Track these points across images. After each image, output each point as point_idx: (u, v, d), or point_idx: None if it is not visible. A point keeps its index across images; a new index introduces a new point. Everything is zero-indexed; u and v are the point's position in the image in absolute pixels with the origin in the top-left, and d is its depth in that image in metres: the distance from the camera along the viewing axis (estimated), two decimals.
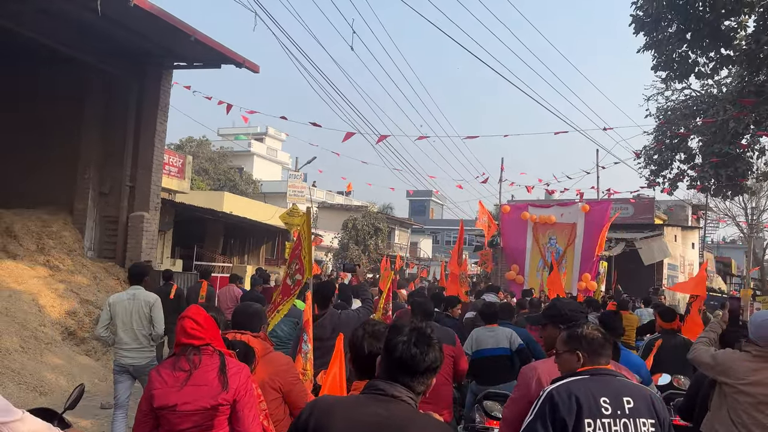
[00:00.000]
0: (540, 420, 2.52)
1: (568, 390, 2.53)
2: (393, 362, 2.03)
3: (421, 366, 2.01)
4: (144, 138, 12.95)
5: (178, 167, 19.41)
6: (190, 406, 2.88)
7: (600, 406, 2.48)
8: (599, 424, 2.45)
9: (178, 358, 2.98)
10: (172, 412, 2.88)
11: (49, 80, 13.02)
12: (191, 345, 2.96)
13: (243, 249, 21.51)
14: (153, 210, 12.94)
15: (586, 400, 2.49)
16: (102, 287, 11.61)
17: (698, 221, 30.06)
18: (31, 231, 11.88)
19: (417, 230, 51.32)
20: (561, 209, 16.50)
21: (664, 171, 21.21)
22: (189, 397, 2.88)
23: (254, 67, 12.68)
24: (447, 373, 4.62)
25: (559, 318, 3.38)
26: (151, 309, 5.96)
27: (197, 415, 2.89)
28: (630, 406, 2.50)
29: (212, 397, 2.89)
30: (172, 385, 2.91)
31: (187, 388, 2.89)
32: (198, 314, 3.04)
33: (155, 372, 3.00)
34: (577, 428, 2.46)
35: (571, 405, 2.48)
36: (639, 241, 19.17)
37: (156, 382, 2.94)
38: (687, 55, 11.46)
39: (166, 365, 3.00)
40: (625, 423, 2.47)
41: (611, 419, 2.47)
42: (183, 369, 2.92)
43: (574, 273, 15.43)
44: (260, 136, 51.95)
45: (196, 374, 2.91)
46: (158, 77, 13.02)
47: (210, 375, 2.93)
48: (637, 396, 2.55)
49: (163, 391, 2.90)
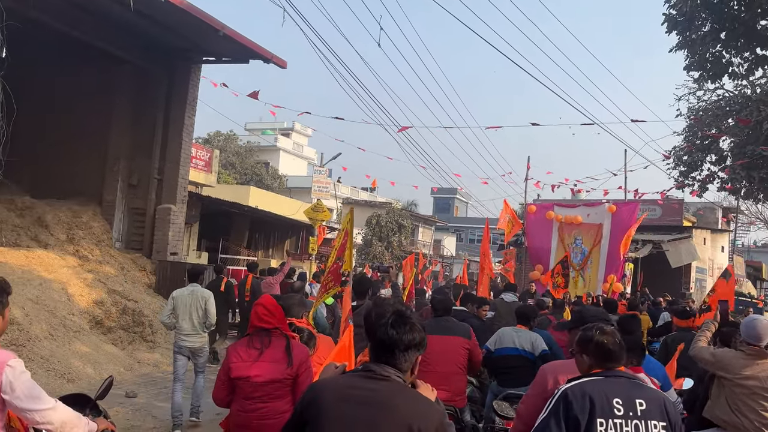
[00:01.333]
0: (554, 417, 2.58)
1: (582, 389, 2.59)
2: (376, 344, 2.20)
3: (400, 345, 2.16)
4: (172, 131, 13.12)
5: (205, 161, 19.61)
6: (261, 378, 3.49)
7: (612, 407, 2.53)
8: (611, 424, 2.51)
9: (252, 338, 3.62)
10: (246, 382, 3.51)
11: (81, 75, 13.23)
12: (263, 328, 3.61)
13: (268, 243, 21.67)
14: (180, 203, 13.11)
15: (599, 400, 2.54)
16: (129, 278, 11.80)
17: (728, 224, 29.46)
18: (62, 221, 12.12)
19: (441, 228, 51.19)
20: (587, 209, 16.28)
21: (694, 172, 20.84)
22: (260, 371, 3.50)
23: (282, 63, 12.75)
24: (462, 363, 4.86)
25: (580, 323, 3.47)
26: (206, 303, 6.98)
27: (267, 385, 3.50)
28: (642, 408, 2.55)
29: (279, 372, 3.51)
30: (246, 360, 3.54)
31: (259, 363, 3.52)
32: (269, 303, 3.70)
33: (233, 348, 3.63)
34: (590, 427, 2.51)
35: (585, 404, 2.54)
36: (666, 243, 18.85)
37: (233, 356, 3.57)
38: (721, 55, 11.21)
39: (242, 343, 3.64)
40: (637, 424, 2.52)
41: (623, 420, 2.52)
42: (255, 347, 3.57)
43: (599, 274, 15.23)
44: (287, 131, 52.25)
45: (266, 352, 3.55)
46: (187, 72, 13.18)
47: (278, 353, 3.55)
48: (649, 398, 2.60)
49: (239, 364, 3.53)
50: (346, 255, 5.54)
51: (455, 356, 4.86)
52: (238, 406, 3.58)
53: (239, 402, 3.57)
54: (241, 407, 3.55)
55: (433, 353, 4.52)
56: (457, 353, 4.88)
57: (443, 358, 4.77)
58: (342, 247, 5.61)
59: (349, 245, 5.41)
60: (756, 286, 33.16)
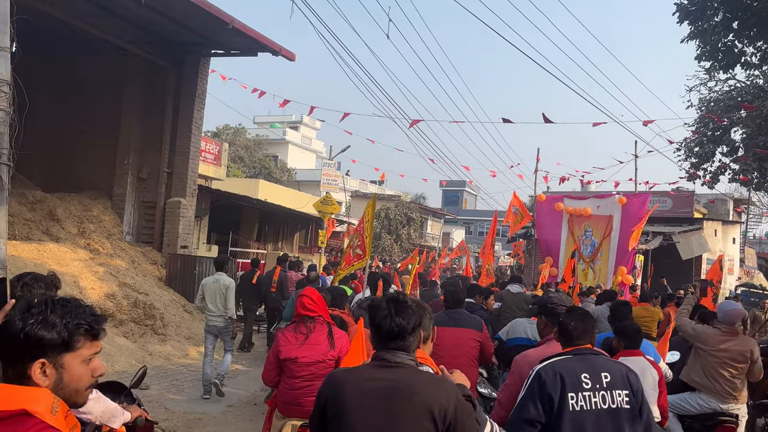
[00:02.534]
0: (530, 397, 2.85)
1: (553, 368, 2.88)
2: (383, 335, 2.30)
3: (408, 329, 2.29)
4: (181, 125, 13.15)
5: (214, 154, 19.66)
6: (307, 359, 3.90)
7: (581, 381, 2.82)
8: (581, 397, 2.79)
9: (298, 324, 4.05)
10: (294, 362, 3.90)
11: (91, 68, 13.29)
12: (308, 316, 4.05)
13: (277, 236, 21.71)
14: (190, 196, 13.15)
15: (569, 377, 2.82)
16: (139, 271, 11.86)
17: (740, 216, 29.24)
18: (73, 215, 12.20)
19: (450, 221, 51.09)
20: (597, 201, 16.18)
21: (705, 164, 20.68)
22: (306, 353, 3.91)
23: (290, 56, 12.73)
24: (473, 356, 4.89)
25: (544, 309, 4.04)
26: (227, 290, 7.81)
27: (312, 366, 3.90)
28: (607, 380, 2.85)
29: (323, 354, 3.93)
30: (293, 343, 3.95)
31: (305, 346, 3.94)
32: (313, 294, 4.17)
33: (281, 334, 4.05)
34: (562, 402, 2.78)
35: (556, 382, 2.81)
36: (677, 235, 18.71)
37: (281, 340, 3.99)
38: (733, 44, 11.06)
39: (289, 329, 4.07)
40: (603, 395, 2.82)
41: (591, 392, 2.81)
42: (302, 332, 3.99)
43: (609, 266, 15.15)
44: (295, 124, 52.24)
45: (311, 337, 3.97)
46: (196, 65, 13.18)
47: (321, 338, 3.99)
48: (613, 371, 2.91)
49: (287, 347, 3.94)
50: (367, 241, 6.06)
51: (467, 349, 4.85)
52: (286, 384, 3.94)
53: (287, 381, 3.94)
54: (289, 386, 3.92)
55: (444, 346, 4.52)
56: (468, 346, 4.87)
57: (454, 351, 4.76)
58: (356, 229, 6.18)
59: (369, 232, 5.72)
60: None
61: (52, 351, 1.54)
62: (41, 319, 1.53)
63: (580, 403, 2.78)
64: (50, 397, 1.51)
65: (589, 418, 2.78)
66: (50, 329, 1.54)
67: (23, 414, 1.45)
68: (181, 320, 11.07)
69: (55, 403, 1.51)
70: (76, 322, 1.58)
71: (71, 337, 1.57)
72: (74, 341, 1.58)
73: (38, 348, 1.52)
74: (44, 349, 1.53)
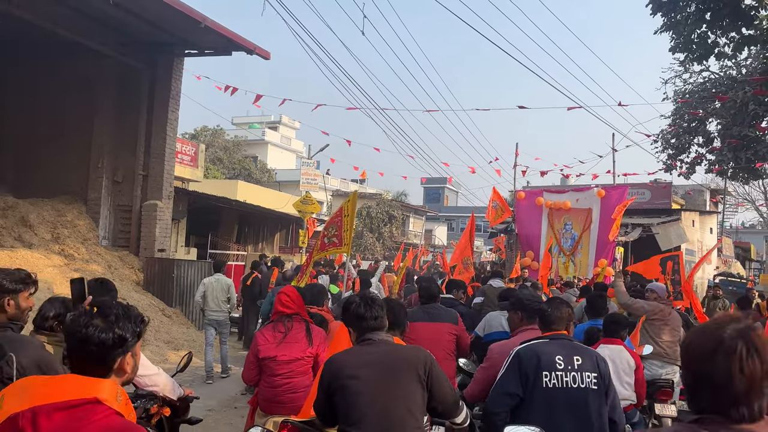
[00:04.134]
0: (510, 372, 3.25)
1: (531, 349, 3.26)
2: (367, 324, 2.95)
3: (374, 314, 2.96)
4: (156, 126, 12.96)
5: (191, 156, 19.40)
6: (286, 357, 4.00)
7: (555, 362, 3.19)
8: (554, 376, 3.16)
9: (276, 323, 4.13)
10: (273, 361, 4.00)
11: (63, 71, 13.04)
12: (285, 313, 4.12)
13: (257, 237, 21.54)
14: (166, 198, 12.97)
15: (545, 357, 3.20)
16: (116, 275, 11.67)
17: (716, 206, 29.60)
18: (46, 220, 11.96)
19: (432, 218, 51.16)
20: (576, 194, 16.23)
21: (682, 155, 20.88)
22: (285, 351, 4.01)
23: (265, 54, 12.59)
24: (450, 349, 4.93)
25: (518, 305, 4.33)
26: (230, 288, 9.08)
27: (291, 363, 4.00)
28: (579, 363, 3.21)
29: (301, 351, 4.03)
30: (272, 342, 4.04)
31: (283, 345, 4.03)
32: (290, 291, 4.25)
33: (260, 333, 4.15)
34: (537, 378, 3.16)
35: (533, 360, 3.20)
36: (656, 227, 18.86)
37: (260, 339, 4.08)
38: (706, 35, 11.14)
39: (267, 328, 4.15)
40: (574, 375, 3.17)
41: (563, 372, 3.17)
42: (280, 331, 4.08)
43: (590, 258, 15.21)
44: (274, 124, 51.90)
45: (289, 335, 4.05)
46: (170, 65, 13.00)
47: (299, 335, 4.08)
48: (585, 355, 3.27)
49: (266, 346, 4.03)
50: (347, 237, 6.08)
51: (443, 342, 4.82)
52: (266, 383, 4.04)
53: (267, 379, 4.03)
54: (269, 384, 4.02)
55: (420, 340, 4.49)
56: (445, 339, 4.84)
57: (431, 345, 4.71)
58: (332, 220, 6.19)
59: (349, 226, 5.80)
60: (745, 267, 33.39)
61: (132, 342, 1.79)
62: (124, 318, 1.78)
63: (552, 381, 3.14)
64: (116, 386, 1.72)
65: (560, 395, 3.14)
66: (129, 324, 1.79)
67: (95, 402, 1.63)
68: (160, 325, 10.90)
69: (119, 391, 1.71)
70: (141, 318, 1.86)
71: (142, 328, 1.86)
72: (142, 332, 1.86)
73: (123, 344, 1.76)
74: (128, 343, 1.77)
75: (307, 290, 5.18)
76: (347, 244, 6.72)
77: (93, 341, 1.71)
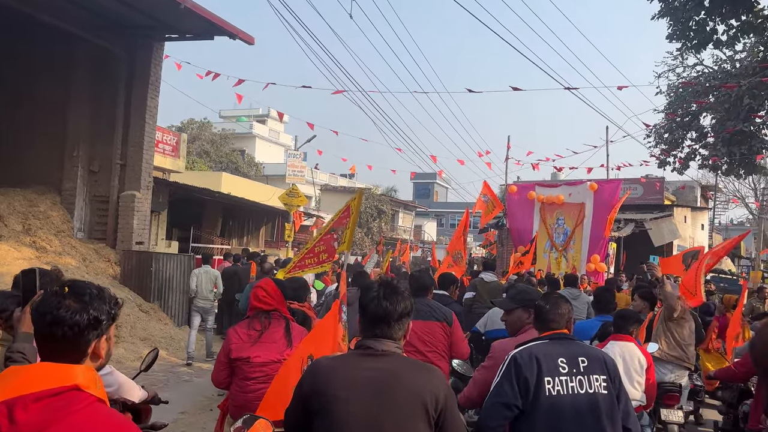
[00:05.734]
0: (506, 380, 2.78)
1: (529, 352, 2.82)
2: (369, 318, 2.24)
3: (394, 315, 2.22)
4: (135, 114, 12.43)
5: (172, 146, 18.81)
6: (260, 359, 3.53)
7: (558, 366, 2.77)
8: (557, 381, 2.73)
9: (252, 320, 3.66)
10: (246, 362, 3.53)
11: (35, 55, 12.47)
12: (261, 309, 3.67)
13: (242, 231, 21.01)
14: (145, 189, 12.45)
15: (546, 361, 2.77)
16: (91, 269, 11.18)
17: (707, 202, 29.43)
18: (17, 211, 11.43)
19: (421, 213, 50.83)
20: (569, 188, 15.90)
21: (675, 150, 20.62)
22: (260, 352, 3.54)
23: (249, 39, 12.10)
24: (441, 350, 4.45)
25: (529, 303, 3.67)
26: (217, 279, 10.10)
27: (266, 366, 3.51)
28: (585, 365, 2.80)
29: (279, 353, 3.54)
30: (246, 341, 3.57)
31: (259, 345, 3.56)
32: (268, 285, 3.76)
33: (233, 331, 3.67)
34: (538, 386, 2.72)
35: (532, 365, 2.76)
36: (649, 222, 18.59)
37: (233, 338, 3.60)
38: (705, 22, 10.81)
39: (242, 325, 3.67)
40: (581, 380, 2.76)
41: (568, 377, 2.75)
42: (255, 329, 3.61)
43: (582, 254, 14.89)
44: (262, 117, 51.18)
45: (265, 334, 3.59)
46: (149, 50, 12.47)
47: (277, 335, 3.61)
48: (591, 356, 2.86)
49: (239, 345, 3.57)
50: (346, 236, 5.67)
51: (434, 342, 4.36)
52: (237, 387, 3.59)
53: (239, 383, 3.58)
54: (240, 388, 3.56)
55: (409, 340, 4.04)
56: (435, 338, 4.38)
57: (421, 346, 4.28)
58: (341, 221, 5.78)
59: (352, 226, 5.51)
60: (735, 264, 33.32)
61: (107, 324, 1.66)
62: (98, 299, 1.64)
63: (556, 388, 2.73)
64: (92, 371, 1.60)
65: (566, 403, 2.71)
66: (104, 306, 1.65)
67: (74, 389, 1.52)
68: (136, 320, 10.41)
69: (97, 377, 1.59)
70: (116, 299, 1.71)
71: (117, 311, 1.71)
72: (117, 314, 1.70)
73: (98, 326, 1.62)
74: (103, 325, 1.64)
75: (287, 284, 4.65)
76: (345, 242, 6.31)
77: (66, 323, 1.58)
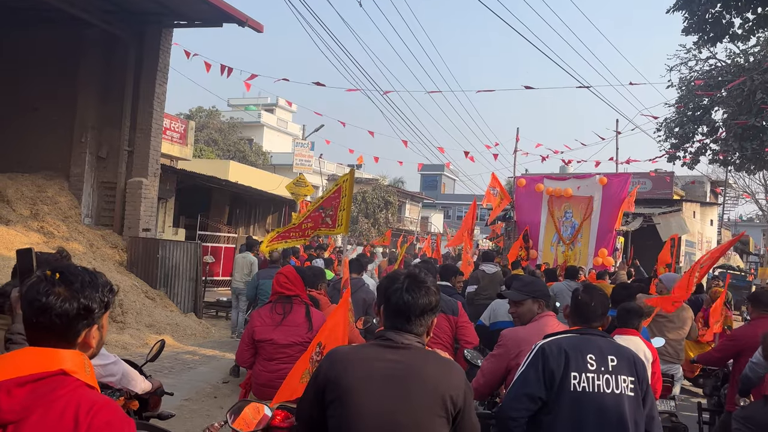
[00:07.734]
0: (533, 368, 2.72)
1: (558, 345, 2.75)
2: (391, 310, 2.16)
3: (416, 309, 2.12)
4: (143, 101, 12.41)
5: (180, 133, 18.77)
6: (283, 341, 3.77)
7: (586, 362, 2.68)
8: (584, 378, 2.65)
9: (275, 304, 3.89)
10: (269, 344, 3.78)
11: (45, 41, 12.48)
12: (283, 294, 3.89)
13: (249, 219, 21.01)
14: (152, 176, 12.44)
15: (574, 355, 2.69)
16: (98, 255, 11.19)
17: (717, 197, 29.19)
18: (25, 196, 11.46)
19: (428, 204, 50.71)
20: (578, 182, 15.78)
21: (686, 144, 20.40)
22: (282, 334, 3.78)
23: (258, 26, 12.03)
24: (446, 342, 4.52)
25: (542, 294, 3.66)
26: (252, 265, 10.61)
27: (288, 348, 3.76)
28: (613, 364, 2.71)
29: (299, 335, 3.78)
30: (269, 324, 3.81)
31: (281, 328, 3.79)
32: (289, 272, 3.99)
33: (257, 314, 3.94)
34: (564, 380, 2.65)
35: (560, 358, 2.68)
36: (657, 217, 18.43)
37: (257, 321, 3.86)
38: (721, 15, 10.64)
39: (265, 309, 3.93)
40: (608, 378, 2.67)
41: (595, 374, 2.67)
42: (278, 313, 3.84)
43: (590, 248, 14.80)
44: (270, 107, 51.07)
45: (288, 318, 3.81)
46: (157, 36, 12.42)
47: (299, 319, 3.83)
48: (621, 356, 2.76)
49: (263, 328, 3.81)
50: (343, 218, 5.56)
51: (438, 333, 4.35)
52: (261, 366, 3.81)
53: (262, 363, 3.81)
54: (264, 367, 3.79)
55: None
56: (440, 329, 4.37)
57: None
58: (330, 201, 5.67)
59: (347, 206, 5.40)
60: (743, 259, 33.14)
61: (99, 313, 1.59)
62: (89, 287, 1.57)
63: (582, 384, 2.65)
64: (81, 356, 1.56)
65: (590, 401, 2.64)
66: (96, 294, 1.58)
67: (61, 374, 1.49)
68: (142, 307, 10.43)
69: (86, 362, 1.56)
70: (109, 286, 1.63)
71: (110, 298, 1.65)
72: (110, 302, 1.64)
73: (89, 315, 1.56)
74: (95, 314, 1.58)
75: (305, 272, 4.84)
76: (342, 225, 6.05)
77: (54, 311, 1.51)
